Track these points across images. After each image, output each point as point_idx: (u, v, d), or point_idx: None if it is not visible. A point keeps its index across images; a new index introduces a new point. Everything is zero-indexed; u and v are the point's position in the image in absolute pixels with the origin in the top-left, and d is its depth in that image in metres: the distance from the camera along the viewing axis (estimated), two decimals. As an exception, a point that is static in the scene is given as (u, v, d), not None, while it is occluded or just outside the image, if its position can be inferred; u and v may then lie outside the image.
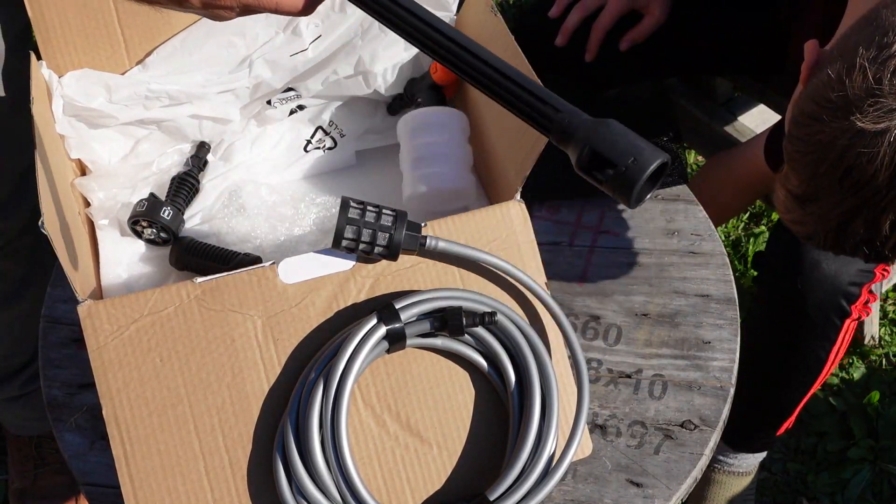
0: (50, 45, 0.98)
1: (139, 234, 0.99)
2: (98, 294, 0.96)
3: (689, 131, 1.48)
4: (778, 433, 1.28)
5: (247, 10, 0.70)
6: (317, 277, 0.84)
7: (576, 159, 0.58)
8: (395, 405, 0.84)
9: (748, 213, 1.91)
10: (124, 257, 0.99)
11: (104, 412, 0.80)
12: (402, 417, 0.84)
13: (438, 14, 1.03)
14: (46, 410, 0.95)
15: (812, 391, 1.20)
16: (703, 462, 0.92)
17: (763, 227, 1.87)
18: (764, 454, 1.38)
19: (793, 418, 1.26)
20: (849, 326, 1.11)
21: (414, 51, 1.05)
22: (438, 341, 0.84)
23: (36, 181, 1.23)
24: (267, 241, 0.99)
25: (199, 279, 0.82)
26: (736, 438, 1.33)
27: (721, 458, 1.35)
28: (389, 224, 0.81)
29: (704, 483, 1.37)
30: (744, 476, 1.36)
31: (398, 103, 1.09)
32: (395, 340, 0.82)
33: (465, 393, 0.85)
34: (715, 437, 0.93)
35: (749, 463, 1.36)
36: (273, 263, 0.84)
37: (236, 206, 1.01)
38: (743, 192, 1.29)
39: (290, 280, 0.84)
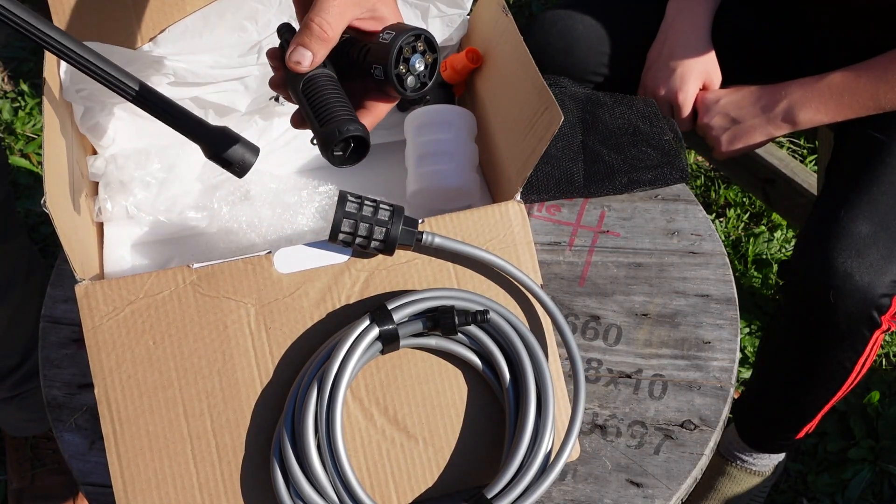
0: (63, 23, 0.98)
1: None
2: (100, 276, 0.97)
3: (690, 132, 1.48)
4: (798, 436, 1.28)
5: None
6: (312, 268, 0.85)
7: (208, 156, 0.82)
8: (383, 399, 0.85)
9: (748, 214, 1.91)
10: (128, 239, 1.00)
11: (96, 391, 0.81)
12: (389, 412, 0.84)
13: (452, 12, 1.04)
14: (46, 410, 0.95)
15: (836, 398, 1.19)
16: (703, 462, 0.92)
17: (763, 227, 1.87)
18: (782, 456, 1.37)
19: (814, 423, 1.25)
20: (878, 338, 1.10)
21: None
22: (432, 341, 0.84)
23: (5, 187, 1.23)
24: (271, 228, 0.99)
25: (196, 265, 0.83)
26: (754, 438, 1.32)
27: (738, 454, 1.35)
28: (386, 219, 0.82)
29: (717, 473, 1.37)
30: (757, 475, 1.36)
31: (408, 100, 1.09)
32: (389, 341, 0.82)
33: (454, 390, 0.86)
34: (715, 437, 0.93)
35: (765, 463, 1.35)
36: (269, 252, 0.84)
37: (241, 192, 1.01)
38: None
39: (286, 270, 0.84)
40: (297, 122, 0.83)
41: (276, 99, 1.06)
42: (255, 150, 0.81)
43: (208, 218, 1.01)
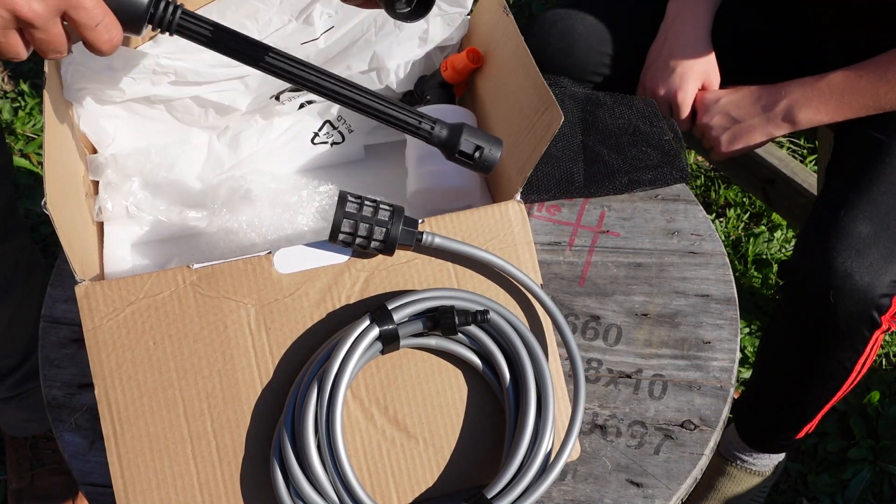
0: None
1: None
2: (100, 276, 0.96)
3: (688, 133, 1.48)
4: (798, 436, 1.27)
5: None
6: (312, 269, 0.85)
7: (452, 152, 0.81)
8: (383, 399, 0.85)
9: (748, 213, 1.91)
10: (128, 239, 1.00)
11: (96, 392, 0.81)
12: (389, 412, 0.84)
13: (452, 10, 1.04)
14: (46, 410, 0.95)
15: (836, 398, 1.19)
16: (704, 462, 0.92)
17: (763, 227, 1.87)
18: (782, 456, 1.37)
19: (814, 423, 1.25)
20: (878, 338, 1.10)
21: (428, 47, 1.06)
22: (432, 341, 0.84)
23: (6, 186, 1.23)
24: (271, 228, 1.00)
25: (196, 265, 0.83)
26: (754, 438, 1.32)
27: (738, 454, 1.35)
28: (386, 219, 0.82)
29: (717, 473, 1.37)
30: (757, 475, 1.36)
31: (408, 100, 1.09)
32: (389, 341, 0.82)
33: (454, 390, 0.86)
34: (715, 438, 0.93)
35: (765, 463, 1.35)
36: (269, 253, 0.84)
37: (242, 192, 1.02)
38: None
39: (286, 270, 0.84)
40: None
41: (277, 98, 1.06)
42: (499, 144, 0.81)
43: (208, 217, 1.01)
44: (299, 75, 0.79)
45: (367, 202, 0.82)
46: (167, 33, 0.77)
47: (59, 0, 0.70)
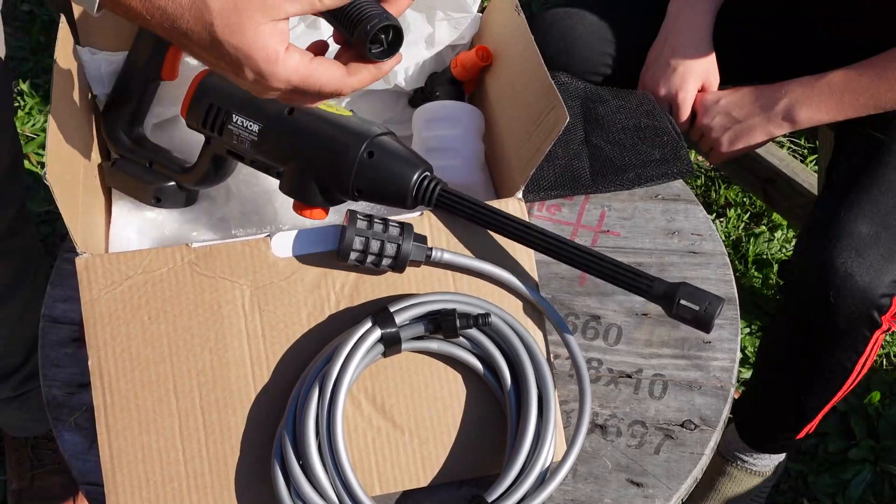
0: (85, 27, 1.00)
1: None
2: (105, 252, 0.97)
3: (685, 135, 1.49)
4: (798, 437, 1.27)
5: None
6: (309, 254, 0.85)
7: (671, 308, 0.83)
8: (371, 387, 0.85)
9: (748, 213, 1.91)
10: (136, 220, 1.00)
11: (90, 362, 0.82)
12: (377, 401, 0.85)
13: (458, 16, 1.04)
14: (46, 410, 0.95)
15: (837, 399, 1.19)
16: (704, 462, 0.92)
17: (763, 227, 1.87)
18: (782, 456, 1.37)
19: (814, 423, 1.25)
20: (878, 338, 1.10)
21: (435, 49, 1.06)
22: (434, 345, 0.84)
23: (20, 179, 1.23)
24: (279, 212, 1.00)
25: (195, 244, 0.84)
26: (755, 438, 1.32)
27: (738, 454, 1.35)
28: (397, 235, 0.82)
29: (718, 474, 1.37)
30: (757, 475, 1.36)
31: (419, 96, 1.09)
32: (391, 344, 0.82)
33: (455, 393, 0.86)
34: (715, 437, 0.93)
35: (765, 464, 1.35)
36: (267, 236, 0.85)
37: (253, 178, 1.02)
38: None
39: (283, 254, 0.85)
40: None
41: None
42: (718, 301, 0.83)
43: (219, 200, 1.01)
44: (537, 242, 0.85)
45: (375, 220, 0.82)
46: (426, 204, 0.85)
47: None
